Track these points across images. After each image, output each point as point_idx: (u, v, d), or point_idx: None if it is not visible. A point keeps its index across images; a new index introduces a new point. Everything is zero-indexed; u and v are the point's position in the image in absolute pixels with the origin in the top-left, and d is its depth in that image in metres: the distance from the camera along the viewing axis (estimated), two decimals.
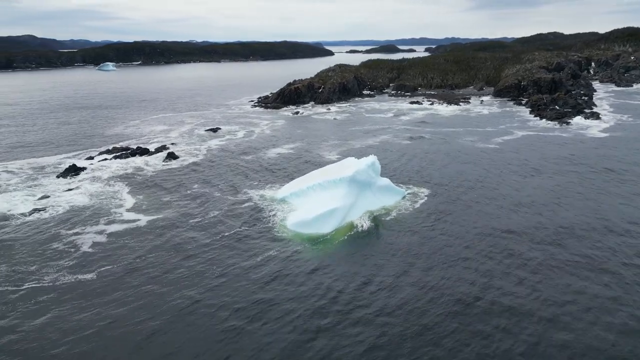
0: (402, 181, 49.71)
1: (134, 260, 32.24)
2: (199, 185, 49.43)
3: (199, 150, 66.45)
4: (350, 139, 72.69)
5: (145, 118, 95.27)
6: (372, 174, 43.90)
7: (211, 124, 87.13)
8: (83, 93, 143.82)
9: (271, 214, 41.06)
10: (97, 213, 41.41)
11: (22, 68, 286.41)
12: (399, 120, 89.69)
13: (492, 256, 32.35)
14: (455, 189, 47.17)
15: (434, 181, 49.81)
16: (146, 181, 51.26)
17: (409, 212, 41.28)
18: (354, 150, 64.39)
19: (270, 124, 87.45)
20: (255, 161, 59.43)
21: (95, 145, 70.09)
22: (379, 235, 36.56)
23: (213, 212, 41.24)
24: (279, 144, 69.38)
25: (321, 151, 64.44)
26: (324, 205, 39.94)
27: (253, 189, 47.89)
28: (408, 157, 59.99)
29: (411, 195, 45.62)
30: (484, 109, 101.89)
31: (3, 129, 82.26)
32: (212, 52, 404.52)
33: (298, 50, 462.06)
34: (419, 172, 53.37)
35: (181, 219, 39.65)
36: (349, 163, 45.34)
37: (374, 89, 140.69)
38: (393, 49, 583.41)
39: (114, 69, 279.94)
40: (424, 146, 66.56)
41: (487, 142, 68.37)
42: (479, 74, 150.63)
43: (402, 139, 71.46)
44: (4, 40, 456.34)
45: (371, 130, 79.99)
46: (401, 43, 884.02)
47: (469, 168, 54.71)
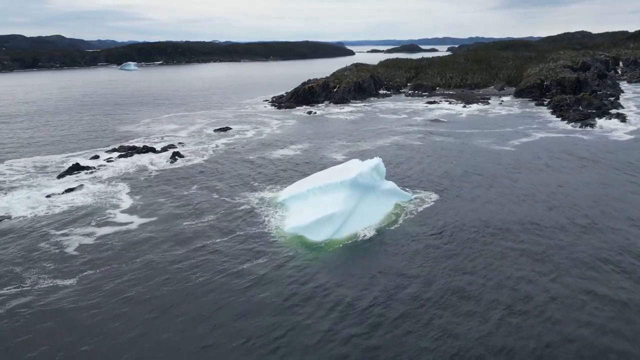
0: (410, 185, 47.36)
1: (117, 265, 30.89)
2: (198, 187, 48.09)
3: (205, 150, 65.30)
4: (360, 139, 70.50)
5: (158, 117, 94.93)
6: (376, 177, 41.76)
7: (222, 124, 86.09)
8: (101, 92, 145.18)
9: (268, 217, 39.33)
10: (92, 214, 40.40)
11: (47, 67, 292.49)
12: (412, 121, 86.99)
13: (502, 273, 29.84)
14: (465, 194, 44.60)
15: (443, 185, 47.31)
16: (147, 181, 50.20)
17: (414, 218, 38.98)
18: (362, 151, 62.23)
19: (281, 124, 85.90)
20: (259, 162, 57.87)
21: (103, 144, 69.68)
22: (379, 243, 34.41)
23: (208, 216, 39.73)
24: (286, 145, 67.70)
25: (328, 152, 62.48)
26: (322, 210, 38.03)
27: (253, 191, 46.27)
28: (417, 159, 57.52)
29: (418, 200, 43.28)
30: (503, 110, 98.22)
31: (16, 127, 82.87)
32: (232, 52, 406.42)
33: (318, 50, 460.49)
34: (427, 175, 50.90)
35: (173, 223, 38.25)
36: (352, 165, 43.32)
37: (390, 89, 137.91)
38: (415, 49, 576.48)
39: (135, 69, 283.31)
40: (436, 148, 63.90)
41: (503, 144, 65.29)
42: (500, 73, 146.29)
43: (414, 140, 68.90)
44: (34, 41, 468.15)
45: (383, 130, 77.61)
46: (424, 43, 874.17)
47: (481, 172, 51.94)
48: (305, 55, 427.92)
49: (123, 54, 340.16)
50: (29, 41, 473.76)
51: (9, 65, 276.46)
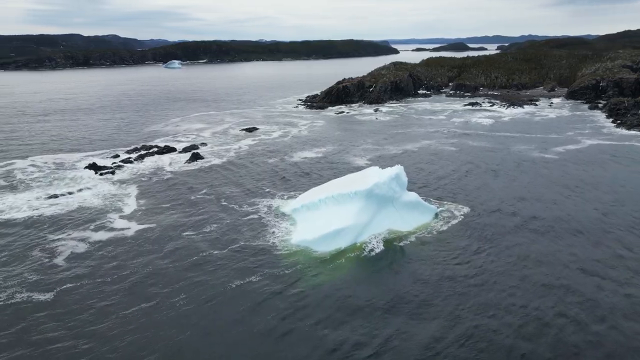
0: (436, 196, 42.75)
1: (101, 280, 28.43)
2: (209, 191, 45.48)
3: (226, 151, 62.98)
4: (389, 143, 66.00)
5: (188, 116, 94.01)
6: (395, 187, 37.52)
7: (249, 123, 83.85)
8: (140, 90, 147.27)
9: (275, 229, 36.02)
10: (92, 218, 38.51)
11: (98, 65, 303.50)
12: (450, 123, 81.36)
13: (542, 317, 25.06)
14: (498, 209, 39.54)
15: (474, 197, 42.37)
16: (158, 184, 48.16)
17: (437, 236, 34.51)
18: (388, 156, 57.85)
19: (310, 125, 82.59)
20: (278, 165, 54.73)
21: (127, 142, 68.82)
22: (393, 266, 30.27)
23: (211, 226, 36.88)
24: (310, 147, 64.27)
25: (351, 156, 58.51)
26: (333, 223, 34.35)
27: (264, 198, 43.12)
28: (449, 167, 52.55)
29: (444, 215, 38.68)
30: (551, 113, 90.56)
31: (49, 123, 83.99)
32: (275, 50, 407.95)
33: (361, 48, 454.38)
34: (458, 185, 45.98)
35: (172, 233, 35.62)
36: (370, 173, 39.25)
37: (430, 89, 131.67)
38: (462, 48, 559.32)
39: (179, 67, 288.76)
40: (471, 154, 58.53)
41: (545, 151, 59.02)
42: (551, 73, 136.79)
43: (447, 145, 63.68)
44: (91, 40, 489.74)
45: (415, 133, 72.69)
46: (472, 41, 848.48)
47: (522, 184, 46.46)
48: (348, 53, 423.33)
49: (169, 53, 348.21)
50: (86, 40, 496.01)
51: (62, 63, 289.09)
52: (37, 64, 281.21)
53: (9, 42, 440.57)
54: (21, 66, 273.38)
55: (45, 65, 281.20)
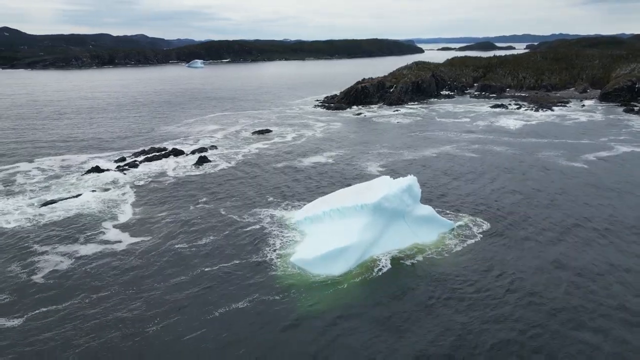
0: (454, 208, 39.14)
1: (79, 304, 26.04)
2: (210, 198, 42.95)
3: (235, 155, 60.53)
4: (406, 147, 62.38)
5: (203, 116, 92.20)
6: (407, 200, 34.17)
7: (263, 125, 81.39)
8: (159, 89, 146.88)
9: (274, 244, 33.14)
10: (83, 228, 36.38)
11: (123, 65, 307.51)
12: (473, 127, 77.06)
13: (565, 349, 21.47)
14: (521, 224, 35.73)
15: (495, 211, 38.58)
16: (158, 190, 45.91)
17: (453, 255, 31.06)
18: (403, 162, 54.30)
19: (325, 127, 79.52)
20: (286, 171, 51.88)
21: (136, 144, 67.19)
22: (401, 292, 26.99)
23: (207, 238, 34.26)
24: (322, 151, 61.22)
25: (364, 162, 55.17)
26: (336, 240, 31.27)
27: (268, 207, 40.32)
28: (469, 176, 48.70)
29: (460, 230, 35.12)
30: (582, 116, 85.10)
31: (62, 123, 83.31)
32: (298, 50, 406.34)
33: (385, 48, 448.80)
34: (478, 196, 42.20)
35: (165, 246, 33.11)
36: (380, 183, 35.98)
37: (454, 90, 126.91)
38: (490, 47, 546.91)
39: (202, 66, 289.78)
40: (494, 161, 54.45)
41: (574, 159, 54.47)
42: (583, 73, 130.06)
43: (468, 151, 59.67)
44: (119, 40, 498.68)
45: (435, 137, 68.80)
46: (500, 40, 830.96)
47: (546, 196, 42.38)
48: (372, 53, 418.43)
49: (193, 52, 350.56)
50: (115, 40, 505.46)
51: (88, 62, 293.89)
52: (64, 63, 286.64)
53: (40, 42, 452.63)
54: (48, 65, 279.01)
55: (72, 65, 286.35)
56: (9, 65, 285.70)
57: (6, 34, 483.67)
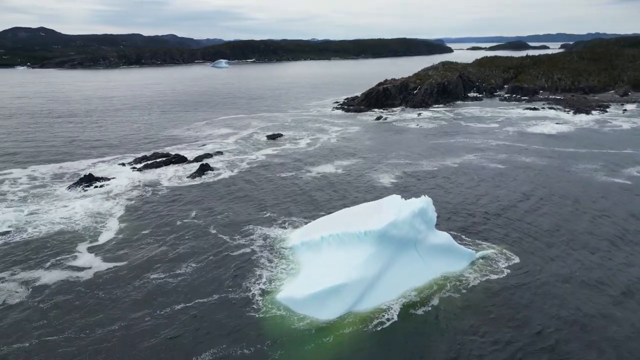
0: (475, 233, 33.77)
1: (16, 348, 22.09)
2: (201, 213, 38.76)
3: (240, 162, 56.39)
4: (425, 156, 56.90)
5: (215, 119, 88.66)
6: (419, 226, 29.06)
7: (277, 129, 77.15)
8: (177, 89, 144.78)
9: (262, 275, 28.60)
10: (57, 248, 32.68)
11: (149, 64, 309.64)
12: (502, 133, 70.79)
13: None
14: (557, 256, 30.15)
15: (524, 238, 33.03)
16: (150, 202, 42.01)
17: (475, 297, 25.89)
18: (419, 174, 48.87)
19: (341, 132, 74.61)
20: (290, 183, 47.27)
21: (140, 148, 63.98)
22: (408, 345, 22.03)
23: (191, 263, 29.99)
24: (333, 159, 56.39)
25: (377, 172, 50.02)
26: (332, 274, 26.51)
27: (264, 226, 35.84)
28: (494, 192, 43.02)
29: (484, 262, 29.85)
30: (624, 122, 77.52)
31: (67, 126, 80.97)
32: (324, 49, 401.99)
33: (413, 47, 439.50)
34: (503, 219, 36.61)
35: (140, 274, 28.96)
36: (389, 204, 30.93)
37: (482, 91, 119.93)
38: (522, 46, 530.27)
39: (226, 66, 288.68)
40: (523, 175, 48.49)
41: (617, 173, 48.01)
42: (624, 75, 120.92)
43: (495, 161, 53.78)
44: (150, 40, 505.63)
45: (459, 145, 63.01)
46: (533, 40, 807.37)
47: (586, 219, 36.46)
48: (398, 52, 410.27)
49: (219, 52, 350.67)
50: (145, 40, 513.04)
51: (115, 62, 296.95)
52: (92, 63, 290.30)
53: (73, 42, 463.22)
54: (76, 65, 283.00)
55: (99, 64, 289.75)
56: (39, 64, 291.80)
57: (42, 34, 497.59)
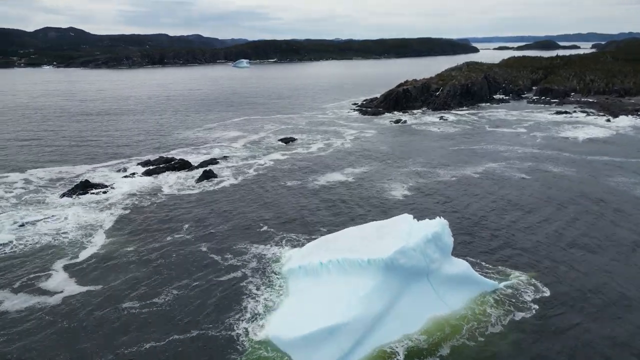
0: (497, 259, 29.51)
1: None
2: (194, 227, 35.51)
3: (247, 168, 53.14)
4: (444, 164, 52.50)
5: (228, 120, 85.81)
6: (433, 253, 25.07)
7: (290, 132, 73.75)
8: (194, 89, 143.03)
9: (247, 307, 25.09)
10: (32, 266, 29.86)
11: (172, 64, 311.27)
12: (529, 139, 65.66)
13: None
14: (597, 288, 25.66)
15: (554, 263, 28.67)
16: (143, 212, 39.02)
17: (496, 341, 21.77)
18: (435, 185, 44.52)
19: (357, 136, 70.64)
20: (295, 193, 43.63)
21: (146, 151, 61.57)
22: None
23: (170, 291, 26.64)
24: (345, 166, 52.53)
25: (390, 182, 45.87)
26: (329, 311, 22.76)
27: (258, 243, 32.36)
28: (517, 208, 38.43)
29: (507, 293, 25.64)
30: None
31: (80, 125, 79.43)
32: (346, 49, 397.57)
33: (437, 47, 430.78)
34: (529, 240, 32.14)
35: (113, 301, 25.79)
36: (399, 226, 26.98)
37: (509, 93, 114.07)
38: (551, 46, 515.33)
39: (247, 66, 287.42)
40: (552, 187, 43.67)
41: None
42: None
43: (520, 171, 49.00)
44: (175, 40, 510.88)
45: (482, 152, 58.32)
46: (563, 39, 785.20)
47: (626, 244, 31.64)
48: (422, 52, 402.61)
49: (240, 52, 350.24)
50: (171, 40, 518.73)
51: (138, 62, 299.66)
52: (116, 62, 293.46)
53: (101, 42, 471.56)
54: (101, 64, 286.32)
55: (122, 64, 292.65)
56: (65, 64, 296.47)
57: (72, 34, 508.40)
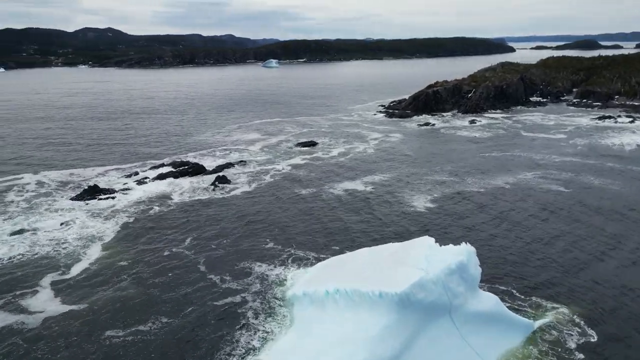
0: (532, 290, 25.57)
1: None
2: (194, 241, 32.88)
3: (263, 174, 50.43)
4: (472, 173, 48.28)
5: (249, 122, 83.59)
6: (456, 287, 21.47)
7: (311, 135, 70.78)
8: (220, 89, 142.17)
9: (247, 339, 22.09)
10: (18, 279, 27.88)
11: (202, 64, 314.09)
12: (569, 146, 60.46)
13: None
14: None
15: (600, 297, 24.55)
16: (147, 222, 36.74)
17: None
18: (462, 197, 40.46)
19: (381, 140, 66.95)
20: (308, 203, 40.48)
21: (163, 153, 59.99)
22: None
23: (158, 318, 23.93)
24: (364, 174, 49.01)
25: (412, 193, 42.07)
26: (332, 353, 19.51)
27: (262, 262, 29.41)
28: (555, 226, 34.01)
29: (545, 336, 21.74)
30: None
31: (101, 125, 79.01)
32: (376, 49, 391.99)
33: (471, 47, 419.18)
34: (571, 267, 27.92)
35: (97, 323, 23.36)
36: (418, 251, 23.44)
37: (547, 96, 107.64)
38: (592, 46, 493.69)
39: (276, 66, 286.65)
40: (594, 202, 38.96)
41: None
42: None
43: (558, 183, 44.30)
44: (208, 40, 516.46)
45: (515, 160, 53.70)
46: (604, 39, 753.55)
47: None
48: (455, 52, 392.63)
49: (270, 51, 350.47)
50: (204, 40, 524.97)
51: (170, 61, 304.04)
52: (148, 62, 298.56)
53: (137, 42, 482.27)
54: (134, 64, 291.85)
55: (154, 63, 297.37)
56: (100, 63, 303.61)
57: (109, 34, 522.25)
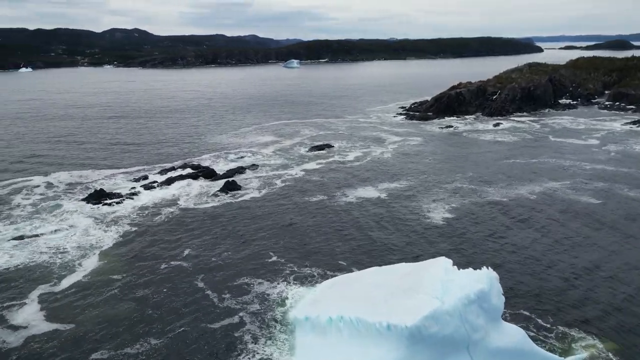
0: (560, 320, 22.76)
1: None
2: (194, 253, 31.06)
3: (275, 179, 48.51)
4: (495, 180, 45.25)
5: (265, 124, 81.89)
6: (476, 319, 18.94)
7: (328, 138, 68.55)
8: (238, 90, 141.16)
9: None
10: (16, 289, 26.54)
11: (224, 64, 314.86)
12: (600, 153, 56.65)
13: None
14: None
15: (637, 326, 21.53)
16: (148, 230, 35.17)
17: None
18: (482, 208, 37.55)
19: (400, 143, 64.23)
20: (318, 212, 38.24)
21: (174, 155, 58.82)
22: None
23: (147, 339, 22.13)
24: (380, 180, 46.48)
25: (429, 203, 39.35)
26: None
27: (263, 279, 27.39)
28: (585, 247, 30.90)
29: None
30: None
31: (115, 125, 78.53)
32: (399, 49, 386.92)
33: (497, 47, 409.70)
34: (605, 293, 24.96)
35: (81, 344, 21.71)
36: (433, 273, 21.03)
37: (577, 98, 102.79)
38: (625, 46, 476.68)
39: (297, 66, 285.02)
40: (627, 215, 35.66)
41: None
42: None
43: (588, 194, 40.93)
44: (231, 40, 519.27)
45: (541, 166, 50.40)
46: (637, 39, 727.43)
47: None
48: (480, 52, 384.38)
49: (292, 52, 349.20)
50: (227, 40, 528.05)
51: (192, 62, 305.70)
52: (171, 62, 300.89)
53: (162, 42, 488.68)
54: (157, 64, 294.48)
55: (177, 64, 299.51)
56: (124, 63, 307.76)
57: (135, 34, 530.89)
